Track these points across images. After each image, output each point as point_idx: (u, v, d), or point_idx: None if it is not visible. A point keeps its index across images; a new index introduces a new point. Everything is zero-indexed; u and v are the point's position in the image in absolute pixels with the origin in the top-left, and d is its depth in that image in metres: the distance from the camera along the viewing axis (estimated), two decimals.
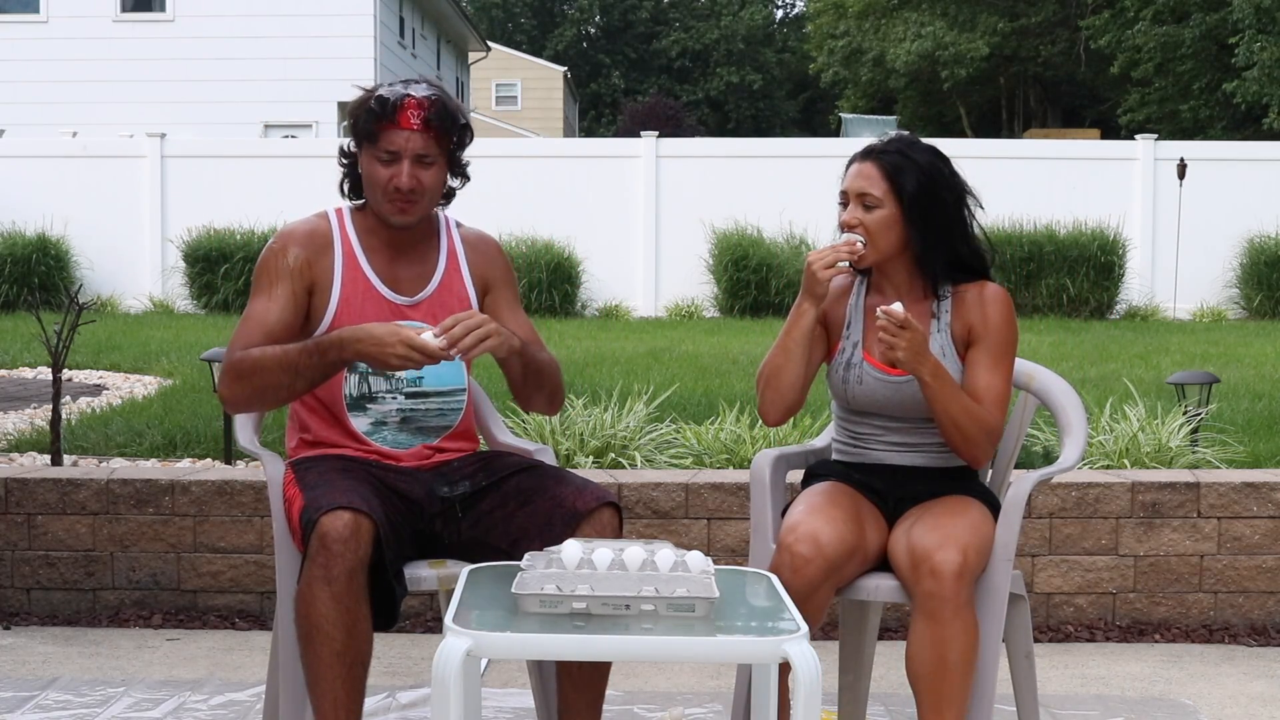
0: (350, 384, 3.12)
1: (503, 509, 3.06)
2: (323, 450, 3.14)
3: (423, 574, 2.99)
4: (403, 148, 3.06)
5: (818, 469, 3.30)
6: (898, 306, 2.97)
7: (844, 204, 3.17)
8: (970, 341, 3.14)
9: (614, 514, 2.99)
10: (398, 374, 3.12)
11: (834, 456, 3.31)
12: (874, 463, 3.21)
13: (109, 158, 16.74)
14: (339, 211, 3.22)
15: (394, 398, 3.14)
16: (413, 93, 3.07)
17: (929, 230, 3.12)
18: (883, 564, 3.09)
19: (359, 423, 3.13)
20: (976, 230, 3.20)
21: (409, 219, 3.12)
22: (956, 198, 3.16)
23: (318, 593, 2.76)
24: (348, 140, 3.19)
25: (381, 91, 3.09)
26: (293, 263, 3.10)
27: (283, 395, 3.02)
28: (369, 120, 3.08)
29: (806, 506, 3.05)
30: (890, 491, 3.17)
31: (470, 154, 3.21)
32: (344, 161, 3.21)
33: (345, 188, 3.23)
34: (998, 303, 3.14)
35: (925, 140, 3.26)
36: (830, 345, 3.24)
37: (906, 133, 3.31)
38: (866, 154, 3.17)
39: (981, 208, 3.23)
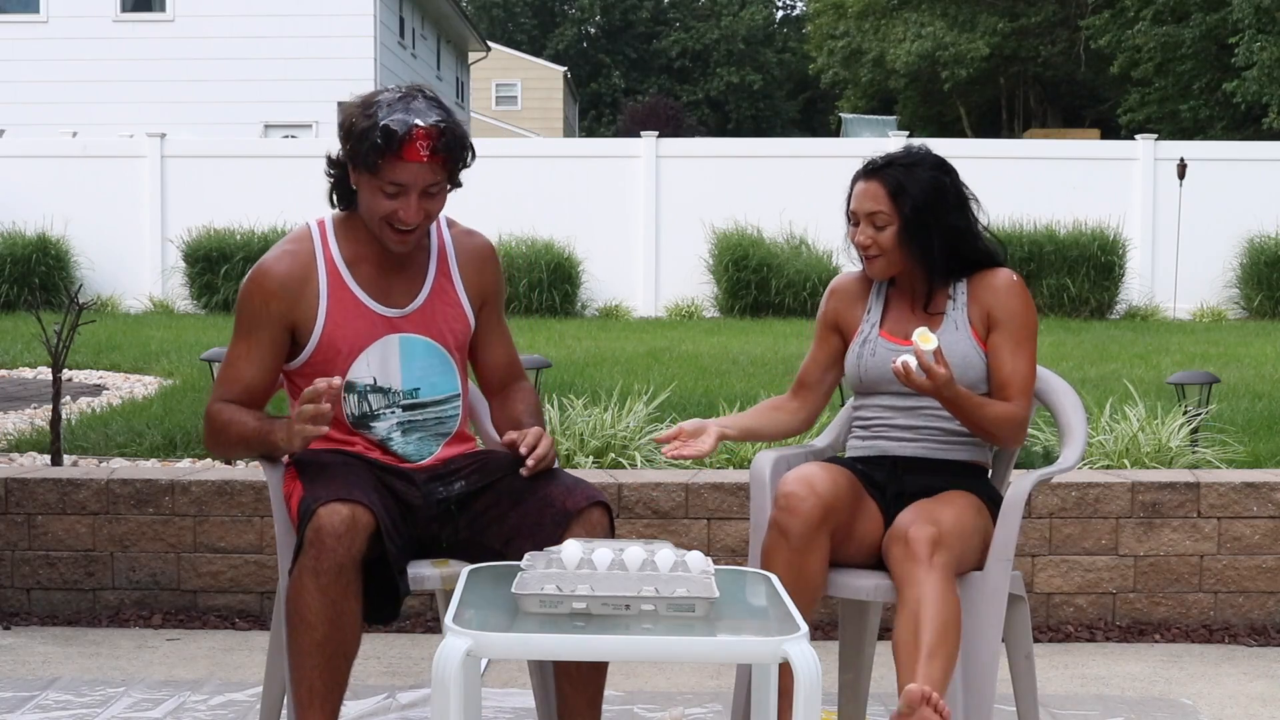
0: (350, 404, 3.08)
1: (496, 508, 3.05)
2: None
3: (426, 573, 2.99)
4: (410, 182, 2.90)
5: None
6: (926, 335, 3.01)
7: (854, 223, 3.20)
8: (989, 327, 3.18)
9: (604, 513, 2.97)
10: (394, 388, 3.08)
11: (847, 454, 3.34)
12: (879, 454, 3.23)
13: (109, 158, 16.74)
14: (320, 224, 3.10)
15: (392, 411, 3.09)
16: (419, 121, 2.85)
17: (936, 241, 3.16)
18: (881, 564, 3.09)
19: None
20: (983, 233, 3.24)
21: (408, 248, 3.02)
22: (960, 208, 3.19)
23: (306, 583, 2.76)
24: (337, 151, 3.02)
25: (385, 120, 2.86)
26: (273, 311, 3.01)
27: (243, 456, 3.13)
28: (372, 153, 2.87)
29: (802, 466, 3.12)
30: (890, 483, 3.18)
31: None
32: (331, 172, 3.06)
33: (334, 198, 3.09)
34: (1012, 288, 3.19)
35: (929, 147, 3.26)
36: (847, 342, 3.32)
37: (909, 138, 3.34)
38: (869, 172, 3.20)
39: (983, 212, 3.26)
